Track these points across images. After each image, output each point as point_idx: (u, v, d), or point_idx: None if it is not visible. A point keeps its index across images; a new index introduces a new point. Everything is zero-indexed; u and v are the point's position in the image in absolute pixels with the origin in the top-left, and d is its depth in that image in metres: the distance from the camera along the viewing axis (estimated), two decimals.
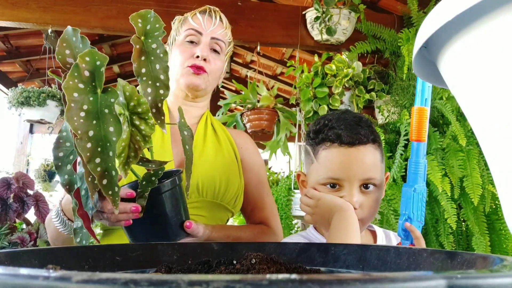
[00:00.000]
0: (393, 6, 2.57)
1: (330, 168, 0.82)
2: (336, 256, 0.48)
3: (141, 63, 0.56)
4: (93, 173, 0.47)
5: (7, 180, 1.41)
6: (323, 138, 0.84)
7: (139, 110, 0.54)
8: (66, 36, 0.57)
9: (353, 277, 0.18)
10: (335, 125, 0.84)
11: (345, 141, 0.81)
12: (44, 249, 0.41)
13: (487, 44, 0.31)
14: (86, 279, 0.18)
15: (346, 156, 0.81)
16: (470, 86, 0.34)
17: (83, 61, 0.49)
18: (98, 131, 0.48)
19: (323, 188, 0.83)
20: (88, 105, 0.48)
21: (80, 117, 0.47)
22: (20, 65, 3.77)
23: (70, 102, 0.47)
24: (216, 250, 0.51)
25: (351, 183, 0.80)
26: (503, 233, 1.74)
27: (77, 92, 0.48)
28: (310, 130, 0.90)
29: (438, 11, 0.33)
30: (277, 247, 0.51)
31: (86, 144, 0.47)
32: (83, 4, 2.18)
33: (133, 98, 0.54)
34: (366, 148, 0.82)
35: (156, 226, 0.75)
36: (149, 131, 0.55)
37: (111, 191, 0.49)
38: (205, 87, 1.06)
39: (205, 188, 0.99)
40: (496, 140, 0.33)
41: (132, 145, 0.54)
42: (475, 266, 0.35)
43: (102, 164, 0.48)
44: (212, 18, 1.07)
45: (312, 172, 0.86)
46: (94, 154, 0.47)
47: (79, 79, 0.48)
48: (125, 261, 0.46)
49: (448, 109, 1.75)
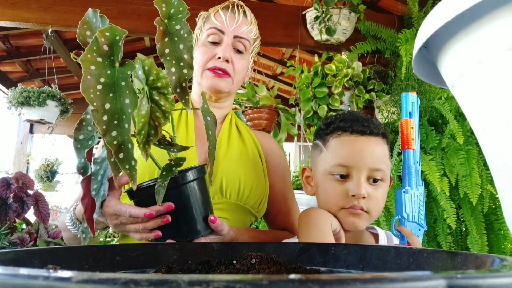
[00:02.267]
0: (393, 6, 2.57)
1: (340, 155, 0.81)
2: (336, 256, 0.48)
3: (165, 43, 0.56)
4: (109, 146, 0.47)
5: (7, 180, 1.41)
6: (334, 128, 0.84)
7: (158, 84, 0.54)
8: (87, 19, 0.57)
9: (353, 277, 0.18)
10: (347, 117, 0.85)
11: (357, 130, 0.81)
12: (44, 249, 0.41)
13: (487, 44, 0.31)
14: (86, 279, 0.18)
15: (357, 144, 0.81)
16: (470, 86, 0.34)
17: (102, 36, 0.48)
18: (114, 104, 0.47)
19: (330, 178, 0.82)
20: (105, 78, 0.48)
21: (97, 89, 0.47)
22: (20, 65, 3.77)
23: (86, 74, 0.47)
24: (216, 250, 0.51)
25: (359, 171, 0.79)
26: (502, 233, 1.74)
27: (94, 65, 0.48)
28: (320, 126, 0.90)
29: (438, 11, 0.33)
30: (277, 247, 0.51)
31: (102, 117, 0.47)
32: (83, 4, 2.18)
33: (152, 72, 0.53)
34: (377, 140, 0.83)
35: (180, 219, 0.72)
36: (169, 107, 0.54)
37: (128, 165, 0.48)
38: (228, 90, 1.02)
39: (229, 189, 0.95)
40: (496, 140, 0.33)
41: (152, 122, 0.53)
42: (475, 266, 0.35)
43: (118, 138, 0.47)
44: (235, 15, 1.01)
45: (320, 163, 0.85)
46: (110, 127, 0.47)
47: (97, 53, 0.48)
48: (125, 261, 0.46)
49: (446, 108, 1.76)
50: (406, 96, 0.89)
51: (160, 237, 0.71)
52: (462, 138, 1.66)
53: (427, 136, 1.81)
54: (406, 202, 0.85)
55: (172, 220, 0.71)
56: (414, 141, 0.87)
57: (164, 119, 0.54)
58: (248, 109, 2.26)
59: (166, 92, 0.54)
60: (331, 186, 0.82)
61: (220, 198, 0.95)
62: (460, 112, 1.80)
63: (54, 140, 4.27)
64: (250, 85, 2.25)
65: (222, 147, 1.00)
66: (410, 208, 0.86)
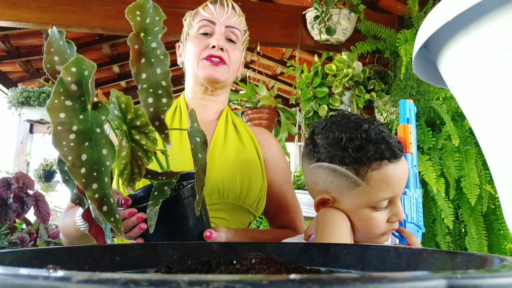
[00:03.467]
0: (393, 6, 2.57)
1: (387, 190, 0.73)
2: (336, 256, 0.48)
3: (141, 67, 0.50)
4: (91, 200, 0.42)
5: (7, 180, 1.41)
6: (371, 158, 0.72)
7: (137, 123, 0.49)
8: (53, 40, 0.50)
9: (353, 277, 0.18)
10: (377, 139, 0.73)
11: (395, 156, 0.73)
12: (44, 249, 0.41)
13: (487, 44, 0.31)
14: (86, 279, 0.18)
15: (399, 172, 0.73)
16: (470, 86, 0.34)
17: (68, 73, 0.42)
18: (91, 153, 0.42)
19: (373, 210, 0.74)
20: (78, 125, 0.42)
21: (70, 140, 0.41)
22: (20, 65, 3.77)
23: (56, 125, 0.41)
24: (216, 250, 0.51)
25: (398, 196, 0.75)
26: (502, 233, 1.75)
27: (64, 112, 0.41)
28: (341, 152, 0.74)
29: (438, 11, 0.33)
30: (277, 247, 0.51)
31: (80, 170, 0.41)
32: (83, 4, 2.18)
33: (130, 110, 0.48)
34: (403, 157, 0.76)
35: (172, 237, 0.69)
36: (151, 146, 0.50)
37: (113, 218, 0.44)
38: (225, 79, 1.00)
39: (226, 189, 0.94)
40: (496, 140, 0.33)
41: (134, 161, 0.49)
42: (475, 266, 0.35)
43: (100, 191, 0.42)
44: (225, 7, 1.01)
45: (356, 196, 0.74)
46: (90, 179, 0.42)
47: (65, 95, 0.42)
48: (125, 261, 0.46)
49: (444, 109, 1.76)
50: (403, 103, 0.94)
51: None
52: (457, 140, 1.66)
53: (424, 136, 1.81)
54: (405, 204, 0.87)
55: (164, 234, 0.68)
56: (412, 145, 0.91)
57: (147, 158, 0.50)
58: (248, 109, 2.26)
59: (147, 131, 0.49)
60: (372, 217, 0.74)
61: (218, 199, 0.94)
62: (459, 113, 1.80)
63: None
64: (250, 85, 2.25)
65: (218, 146, 0.99)
66: (409, 210, 0.88)
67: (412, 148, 0.90)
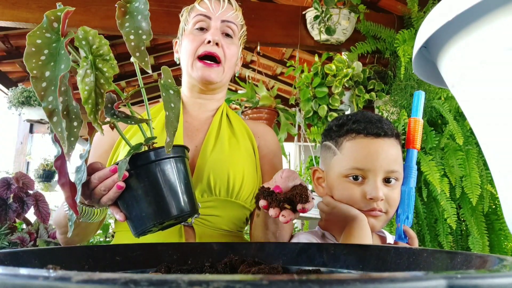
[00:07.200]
0: (393, 6, 2.57)
1: (356, 158, 0.81)
2: (336, 256, 0.48)
3: (124, 20, 0.60)
4: (45, 111, 0.51)
5: (7, 180, 1.41)
6: (348, 130, 0.83)
7: (101, 51, 0.56)
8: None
9: (353, 277, 0.18)
10: (359, 119, 0.83)
11: (371, 132, 0.81)
12: (44, 249, 0.41)
13: (488, 44, 0.31)
14: (86, 279, 0.18)
15: (372, 147, 0.80)
16: (470, 86, 0.34)
17: (52, 14, 0.53)
18: (53, 72, 0.51)
19: (345, 181, 0.81)
20: (49, 50, 0.52)
21: (39, 59, 0.51)
22: (20, 65, 3.77)
23: (31, 47, 0.51)
24: (216, 250, 0.51)
25: (375, 174, 0.80)
26: (503, 233, 1.74)
27: (41, 39, 0.52)
28: (330, 126, 0.88)
29: (438, 11, 0.33)
30: (277, 247, 0.51)
31: (42, 83, 0.50)
32: (83, 4, 2.17)
33: (95, 40, 0.56)
34: (391, 141, 0.82)
35: (152, 207, 0.62)
36: (112, 72, 0.57)
37: (60, 128, 0.51)
38: (219, 80, 0.99)
39: (217, 186, 0.92)
40: (496, 140, 0.33)
41: (97, 90, 0.56)
42: (475, 266, 0.35)
43: (54, 102, 0.51)
44: (220, 1, 0.99)
45: (334, 165, 0.84)
46: (48, 92, 0.51)
47: (47, 30, 0.52)
48: (125, 261, 0.46)
49: (446, 109, 1.76)
50: (418, 94, 0.85)
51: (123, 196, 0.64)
52: (462, 139, 1.66)
53: (427, 136, 1.81)
54: (411, 202, 0.86)
55: (142, 198, 0.63)
56: (419, 141, 0.86)
57: (108, 85, 0.56)
58: (248, 109, 2.26)
59: (109, 58, 0.56)
60: (347, 188, 0.81)
61: (209, 196, 0.92)
62: (460, 112, 1.80)
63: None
64: (250, 85, 2.25)
65: (210, 142, 0.97)
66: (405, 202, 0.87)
67: (419, 144, 0.86)
